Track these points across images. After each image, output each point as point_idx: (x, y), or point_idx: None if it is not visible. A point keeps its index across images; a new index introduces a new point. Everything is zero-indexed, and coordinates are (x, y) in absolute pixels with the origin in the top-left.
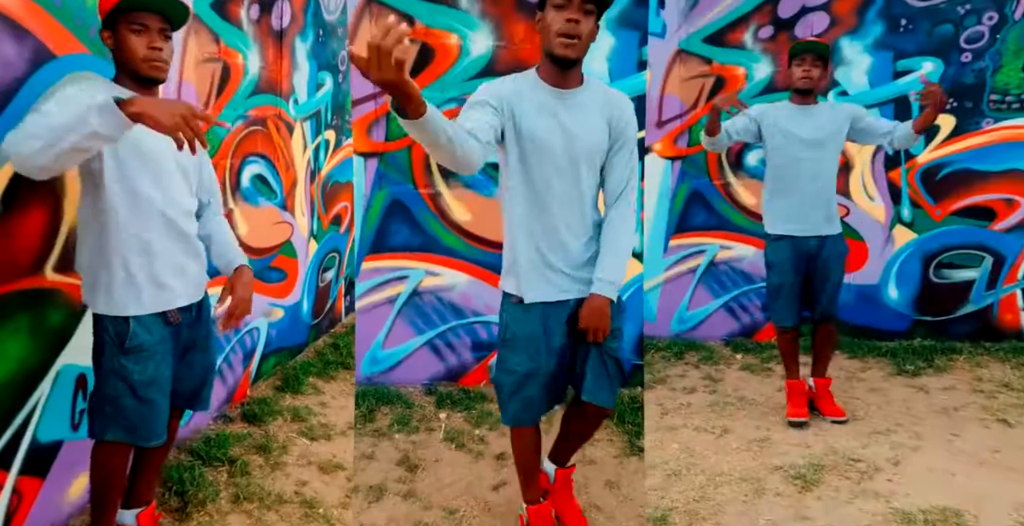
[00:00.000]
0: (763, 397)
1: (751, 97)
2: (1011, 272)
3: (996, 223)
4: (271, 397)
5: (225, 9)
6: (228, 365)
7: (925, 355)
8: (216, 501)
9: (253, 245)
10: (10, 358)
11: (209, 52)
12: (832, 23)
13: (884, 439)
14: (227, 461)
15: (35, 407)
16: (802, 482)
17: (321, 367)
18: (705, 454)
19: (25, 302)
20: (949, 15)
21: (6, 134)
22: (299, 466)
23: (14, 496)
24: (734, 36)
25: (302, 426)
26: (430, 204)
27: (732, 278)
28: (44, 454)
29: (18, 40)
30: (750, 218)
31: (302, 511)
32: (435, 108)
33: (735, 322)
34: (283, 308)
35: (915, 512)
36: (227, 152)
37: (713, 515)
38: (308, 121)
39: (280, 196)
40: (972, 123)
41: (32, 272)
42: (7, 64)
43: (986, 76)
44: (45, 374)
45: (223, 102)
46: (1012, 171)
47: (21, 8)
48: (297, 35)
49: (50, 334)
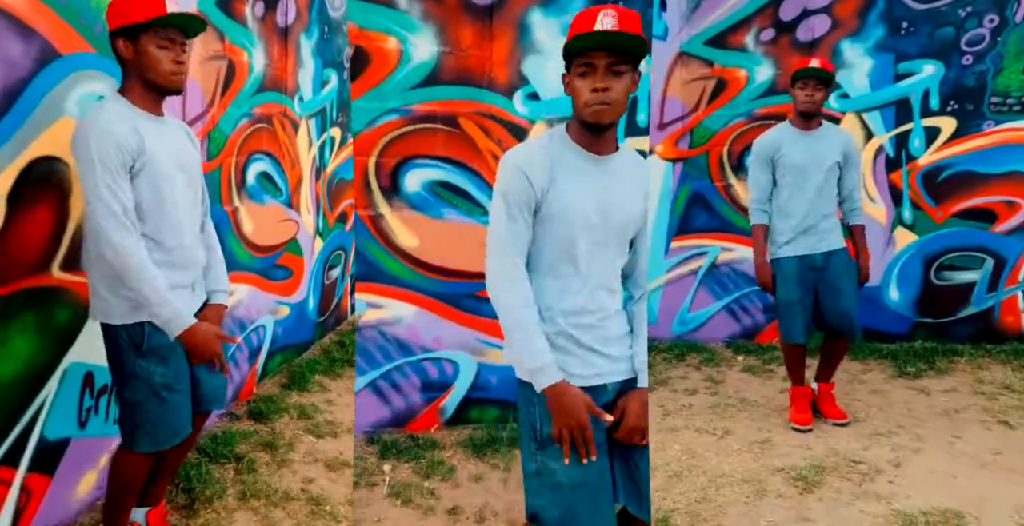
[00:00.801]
0: (764, 399)
1: (752, 99)
2: (1012, 274)
3: (997, 225)
4: (277, 395)
5: (230, 7)
6: (234, 363)
7: (926, 357)
8: (223, 498)
9: (258, 243)
10: (18, 356)
11: (214, 50)
12: (833, 25)
13: (885, 441)
14: (234, 458)
15: (43, 405)
16: (803, 484)
17: (327, 365)
18: (706, 456)
19: (32, 300)
20: (950, 18)
21: (15, 132)
22: (305, 463)
23: (22, 494)
24: (736, 38)
25: (308, 423)
26: (370, 227)
27: (733, 280)
28: (52, 452)
29: (24, 39)
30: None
31: (308, 508)
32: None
33: (736, 324)
34: (289, 306)
35: (916, 514)
36: (232, 150)
37: (715, 516)
38: (313, 118)
39: (285, 194)
40: (973, 125)
41: (39, 270)
42: (13, 63)
43: (987, 78)
44: (52, 372)
45: (228, 100)
46: (1013, 173)
47: (27, 7)
48: (302, 32)
49: (57, 332)
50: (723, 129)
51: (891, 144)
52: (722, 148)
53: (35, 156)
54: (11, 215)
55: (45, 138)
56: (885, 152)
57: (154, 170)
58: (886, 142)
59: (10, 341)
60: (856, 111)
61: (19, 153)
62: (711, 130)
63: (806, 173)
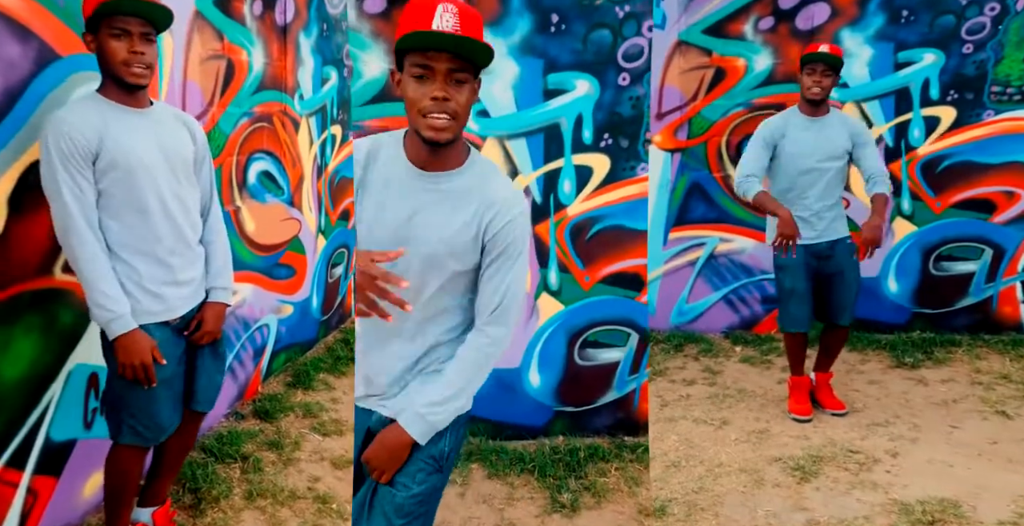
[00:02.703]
0: (762, 389)
1: (751, 89)
2: (1011, 264)
3: (996, 215)
4: (282, 393)
5: (228, 5)
6: (239, 362)
7: (924, 347)
8: (229, 497)
9: (261, 242)
10: (22, 358)
11: (213, 49)
12: (833, 14)
13: (883, 431)
14: (240, 458)
15: (48, 406)
16: (801, 473)
17: (332, 363)
18: (704, 445)
19: (36, 302)
20: (950, 6)
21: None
22: (312, 462)
23: (29, 495)
24: (734, 27)
25: (314, 422)
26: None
27: (732, 271)
28: (58, 453)
29: (22, 41)
30: (750, 211)
31: (315, 507)
32: None
33: (734, 315)
34: (292, 304)
35: (913, 503)
36: (233, 149)
37: (712, 506)
38: (314, 116)
39: (287, 192)
40: (973, 115)
41: (42, 272)
42: (12, 65)
43: (987, 67)
44: (57, 373)
45: (228, 99)
46: (1013, 163)
47: (25, 9)
48: (301, 30)
49: (61, 334)
50: (722, 119)
51: (890, 134)
52: (720, 138)
53: (35, 158)
54: (12, 218)
55: None
56: (884, 142)
57: (125, 160)
58: (885, 132)
59: (14, 343)
60: (856, 101)
61: (19, 155)
62: (709, 120)
63: (812, 160)
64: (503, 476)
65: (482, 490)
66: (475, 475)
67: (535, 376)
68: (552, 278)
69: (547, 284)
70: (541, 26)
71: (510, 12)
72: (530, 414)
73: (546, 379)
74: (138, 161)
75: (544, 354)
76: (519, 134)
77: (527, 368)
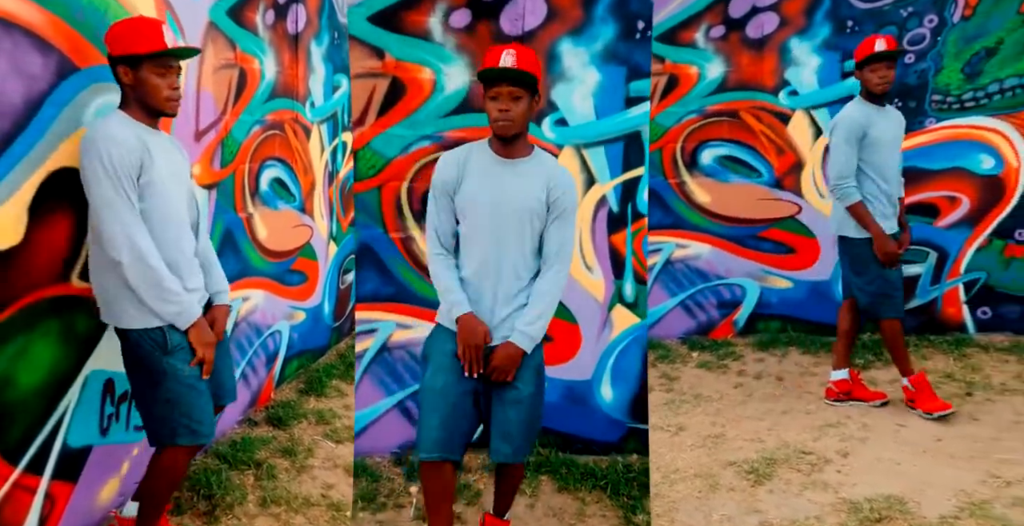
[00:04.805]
0: (718, 394)
1: (704, 96)
2: (954, 267)
3: (940, 220)
4: (295, 400)
5: (241, 15)
6: (252, 369)
7: (874, 349)
8: (244, 504)
9: (273, 248)
10: (39, 364)
11: (226, 58)
12: (781, 23)
13: (834, 431)
14: (253, 464)
15: (65, 412)
16: (755, 476)
17: (344, 369)
18: (660, 452)
19: (53, 309)
20: (893, 17)
21: (36, 145)
22: (325, 469)
23: (47, 501)
24: (686, 35)
25: (326, 429)
26: (401, 249)
27: (688, 276)
28: (75, 459)
29: (42, 54)
30: (705, 216)
31: (329, 514)
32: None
33: (691, 320)
34: (305, 311)
35: (862, 501)
36: (245, 157)
37: (667, 512)
38: (325, 124)
39: (299, 199)
40: (916, 122)
41: (59, 280)
42: (32, 77)
43: (928, 77)
44: (74, 380)
45: (240, 108)
46: (955, 169)
47: (45, 23)
48: (312, 38)
49: (78, 340)
50: (675, 126)
51: None
52: (675, 145)
53: (54, 168)
54: (32, 226)
55: (64, 150)
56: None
57: (159, 180)
58: None
59: (32, 349)
60: (805, 108)
61: (39, 165)
62: (664, 127)
63: (892, 149)
64: (573, 491)
65: (552, 503)
66: (544, 487)
67: (607, 390)
68: (627, 290)
69: (622, 295)
70: (626, 33)
71: (594, 20)
72: (602, 429)
73: (619, 394)
74: (167, 179)
75: (617, 368)
76: (597, 142)
77: (599, 381)
